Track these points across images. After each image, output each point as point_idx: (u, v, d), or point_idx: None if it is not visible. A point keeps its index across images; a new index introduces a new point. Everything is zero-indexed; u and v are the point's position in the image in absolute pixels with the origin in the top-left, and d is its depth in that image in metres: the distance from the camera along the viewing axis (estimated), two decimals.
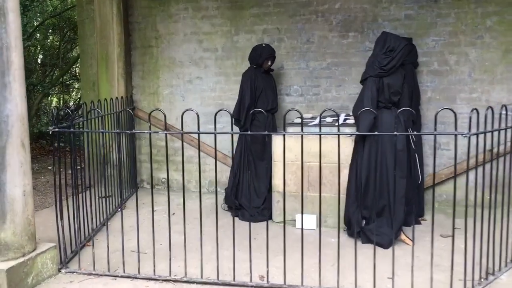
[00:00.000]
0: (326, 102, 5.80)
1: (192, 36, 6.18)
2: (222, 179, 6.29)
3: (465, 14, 5.24)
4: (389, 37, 4.08)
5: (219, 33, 6.07)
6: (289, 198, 4.84)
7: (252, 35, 5.95)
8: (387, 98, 4.13)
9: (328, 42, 5.71)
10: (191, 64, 6.22)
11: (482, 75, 5.27)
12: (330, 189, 4.71)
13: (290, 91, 5.90)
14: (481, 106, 5.30)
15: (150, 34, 6.33)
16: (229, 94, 6.12)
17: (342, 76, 5.71)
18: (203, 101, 6.23)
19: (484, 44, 5.22)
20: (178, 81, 6.31)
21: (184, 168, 3.90)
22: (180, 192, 6.54)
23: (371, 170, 4.21)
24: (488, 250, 3.88)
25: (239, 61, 6.03)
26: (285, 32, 5.84)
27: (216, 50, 6.11)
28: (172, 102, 6.36)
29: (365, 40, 5.59)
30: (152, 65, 6.38)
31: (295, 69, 5.86)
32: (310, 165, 4.76)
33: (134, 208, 5.80)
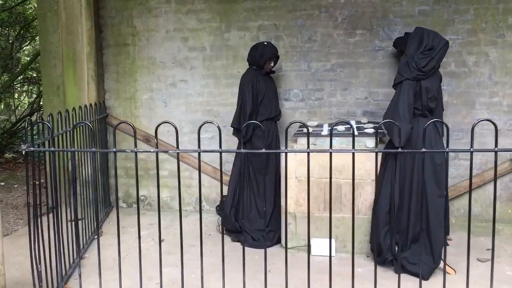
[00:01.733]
0: (330, 107, 5.24)
1: (175, 33, 5.46)
2: (212, 195, 5.62)
3: (485, 10, 4.82)
4: (426, 34, 3.55)
5: (207, 30, 5.39)
6: (302, 220, 4.24)
7: (246, 32, 5.31)
8: (425, 105, 3.61)
9: (332, 41, 5.15)
10: (174, 65, 5.50)
11: (503, 78, 4.87)
12: (350, 209, 4.13)
13: (289, 95, 5.30)
14: (503, 111, 4.93)
15: (126, 31, 5.56)
16: (219, 99, 5.45)
17: (348, 79, 5.17)
18: (189, 107, 5.52)
19: (505, 44, 4.82)
20: (160, 84, 5.57)
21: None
22: (163, 211, 5.83)
23: (406, 188, 3.67)
24: None
25: (230, 62, 5.37)
26: (284, 29, 5.23)
27: (204, 49, 5.43)
28: (153, 108, 5.61)
29: (374, 38, 5.07)
30: (128, 66, 5.61)
31: (295, 71, 5.26)
32: (326, 182, 4.17)
33: (113, 233, 5.05)
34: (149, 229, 5.06)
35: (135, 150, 2.76)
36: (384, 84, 5.09)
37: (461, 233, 4.70)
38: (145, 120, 5.63)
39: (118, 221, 2.89)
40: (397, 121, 3.51)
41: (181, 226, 3.05)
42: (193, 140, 5.56)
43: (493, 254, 2.82)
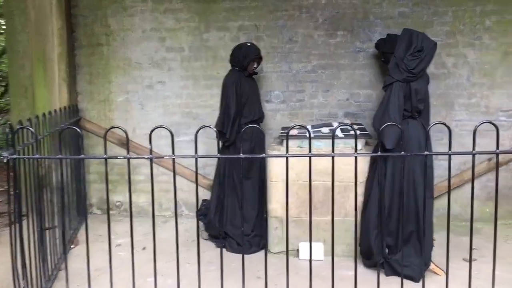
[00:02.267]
0: (311, 109, 5.21)
1: (152, 33, 5.30)
2: (191, 199, 5.49)
3: (463, 12, 4.91)
4: (415, 36, 3.57)
5: (185, 30, 5.26)
6: (289, 224, 4.17)
7: (226, 32, 5.21)
8: (415, 106, 3.62)
9: (313, 42, 5.13)
10: (151, 66, 5.34)
11: (481, 79, 4.97)
12: (339, 212, 4.11)
13: (270, 97, 5.24)
14: (480, 112, 5.03)
15: (100, 30, 5.36)
16: (198, 101, 5.33)
17: (330, 80, 5.16)
18: (167, 110, 5.38)
19: (483, 46, 4.92)
20: (136, 86, 5.39)
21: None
22: (141, 217, 5.66)
23: (396, 190, 3.68)
24: None
25: (209, 63, 5.26)
26: (264, 29, 5.17)
27: (182, 50, 5.29)
28: (128, 111, 5.43)
29: (355, 40, 5.08)
30: (102, 67, 5.40)
31: (276, 72, 5.21)
32: (315, 185, 4.13)
33: (90, 242, 4.81)
34: (128, 237, 4.85)
35: (128, 157, 2.62)
36: (365, 86, 5.11)
37: (444, 233, 4.70)
38: (120, 123, 5.43)
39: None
40: (388, 124, 3.51)
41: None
42: (170, 144, 5.39)
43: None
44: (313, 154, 2.63)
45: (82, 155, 2.63)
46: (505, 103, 4.98)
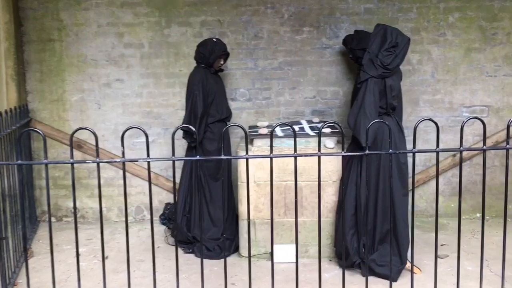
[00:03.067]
0: (278, 107, 5.10)
1: (109, 28, 5.02)
2: (154, 203, 5.23)
3: (427, 9, 4.95)
4: (389, 31, 3.52)
5: (145, 25, 5.01)
6: (262, 227, 4.06)
7: (188, 28, 5.01)
8: (390, 103, 3.58)
9: (279, 38, 5.02)
10: (108, 63, 5.06)
11: (445, 75, 5.04)
12: (312, 213, 4.02)
13: (236, 95, 5.09)
14: (444, 108, 5.10)
15: (51, 25, 5.01)
16: (160, 99, 5.09)
17: (297, 77, 5.07)
18: (126, 109, 5.11)
19: (446, 42, 4.98)
20: (92, 84, 5.09)
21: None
22: (98, 224, 5.30)
23: (372, 189, 3.62)
24: None
25: (171, 60, 5.04)
26: (229, 25, 5.01)
27: (142, 46, 5.04)
28: (84, 111, 5.12)
29: (321, 36, 5.01)
30: (55, 64, 5.06)
31: (242, 69, 5.06)
32: (287, 185, 4.02)
33: (46, 252, 4.50)
34: (87, 245, 4.59)
35: (98, 161, 2.40)
36: (332, 83, 5.06)
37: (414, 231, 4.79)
38: (75, 124, 5.11)
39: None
40: (364, 119, 3.46)
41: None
42: (131, 145, 5.16)
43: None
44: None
45: (45, 160, 2.37)
46: (468, 99, 5.07)
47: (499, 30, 4.96)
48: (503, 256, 2.79)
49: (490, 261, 3.97)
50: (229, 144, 4.58)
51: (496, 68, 5.02)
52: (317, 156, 2.56)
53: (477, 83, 5.04)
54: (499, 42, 4.97)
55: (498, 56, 5.00)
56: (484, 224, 2.90)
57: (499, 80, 5.03)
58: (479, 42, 4.98)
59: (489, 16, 4.94)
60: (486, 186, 5.17)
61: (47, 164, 2.38)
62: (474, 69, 5.02)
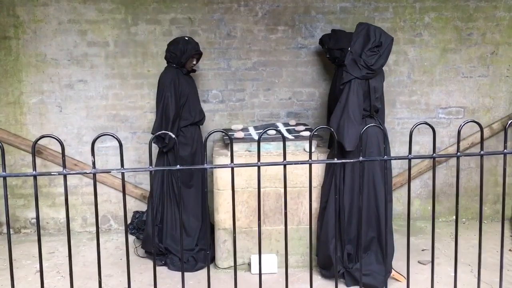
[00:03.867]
0: (252, 109, 4.91)
1: (70, 25, 4.69)
2: (121, 212, 4.95)
3: (403, 9, 4.87)
4: (372, 30, 3.39)
5: (110, 23, 4.72)
6: (239, 236, 3.85)
7: (156, 26, 4.75)
8: (373, 105, 3.45)
9: (253, 37, 4.83)
10: (70, 62, 4.73)
11: (421, 76, 4.97)
12: (292, 220, 3.85)
13: (208, 96, 4.86)
14: (421, 110, 5.04)
15: (6, 21, 4.64)
16: (126, 101, 4.81)
17: (271, 78, 4.89)
18: (91, 112, 4.80)
19: (422, 42, 4.92)
20: (52, 85, 4.75)
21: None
22: (62, 235, 4.95)
23: (355, 195, 3.48)
24: None
25: (139, 59, 4.77)
26: (200, 23, 4.78)
27: (107, 45, 4.74)
28: (44, 114, 4.77)
29: (296, 35, 4.85)
30: (11, 64, 4.69)
31: (214, 70, 4.84)
32: (265, 192, 3.84)
33: (3, 268, 4.14)
34: (49, 259, 4.26)
35: (65, 172, 2.15)
36: (308, 84, 4.92)
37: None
38: (34, 128, 4.77)
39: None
40: (348, 122, 3.32)
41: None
42: (96, 151, 4.83)
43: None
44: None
45: (4, 173, 2.09)
46: (444, 100, 5.03)
47: (474, 31, 4.94)
48: (478, 257, 2.67)
49: (473, 266, 3.91)
50: (203, 148, 4.35)
51: (472, 69, 5.00)
52: (308, 164, 2.37)
53: (453, 84, 5.01)
54: (474, 43, 4.95)
55: (473, 57, 4.98)
56: (460, 227, 2.77)
57: (474, 81, 5.01)
58: (455, 43, 4.95)
59: (465, 16, 4.91)
60: (462, 188, 5.21)
61: (6, 177, 2.10)
62: (450, 69, 4.98)
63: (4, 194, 2.20)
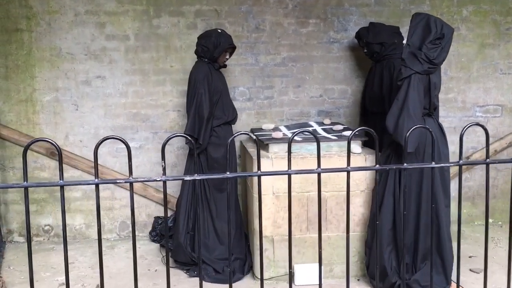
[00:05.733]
0: (281, 107, 4.66)
1: (88, 16, 4.39)
2: (141, 217, 4.66)
3: (440, 1, 4.67)
4: (432, 21, 3.15)
5: (130, 14, 4.42)
6: (281, 245, 3.60)
7: (180, 18, 4.47)
8: (433, 102, 3.22)
9: (283, 31, 4.58)
10: (87, 57, 4.43)
11: (458, 73, 4.77)
12: (337, 227, 3.60)
13: (235, 94, 4.59)
14: (457, 108, 4.84)
15: (18, 12, 4.32)
16: (148, 99, 4.52)
17: (302, 75, 4.64)
18: (109, 111, 4.50)
19: (460, 37, 4.71)
20: (68, 82, 4.44)
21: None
22: (78, 243, 4.58)
23: (412, 199, 3.25)
24: None
25: (161, 54, 4.49)
26: (227, 15, 4.51)
27: (127, 38, 4.45)
28: (59, 112, 4.46)
29: (329, 29, 4.61)
30: (23, 59, 4.37)
31: (241, 65, 4.58)
32: (309, 197, 3.58)
33: (19, 283, 3.81)
34: (71, 270, 3.91)
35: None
36: (340, 80, 4.68)
37: None
38: (48, 128, 4.46)
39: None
40: (408, 121, 3.09)
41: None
42: (113, 152, 4.56)
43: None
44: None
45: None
46: (481, 98, 4.83)
47: None
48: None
49: None
50: (234, 150, 4.09)
51: (510, 65, 4.81)
52: (346, 172, 2.09)
53: (491, 81, 4.81)
54: None
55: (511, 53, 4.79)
56: (499, 230, 2.54)
57: None
58: (493, 38, 4.75)
59: (503, 10, 4.72)
60: (498, 190, 5.02)
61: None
62: (488, 66, 4.78)
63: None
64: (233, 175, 1.99)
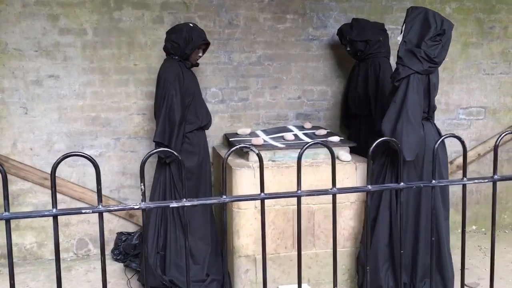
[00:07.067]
0: (257, 110, 4.30)
1: (38, 8, 3.89)
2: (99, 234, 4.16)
3: None
4: (431, 16, 2.87)
5: (87, 6, 3.95)
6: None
7: (145, 11, 4.03)
8: (433, 105, 2.95)
9: (258, 27, 4.22)
10: (38, 54, 3.92)
11: (441, 73, 4.51)
12: (326, 243, 3.28)
13: (206, 95, 4.20)
14: (441, 110, 4.62)
15: None
16: (109, 102, 4.06)
17: (279, 74, 4.31)
18: (64, 115, 4.01)
19: None
20: (15, 82, 3.92)
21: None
22: (29, 265, 4.06)
23: (410, 213, 2.96)
24: None
25: (124, 51, 4.04)
26: (197, 9, 4.11)
27: (84, 33, 3.97)
28: (5, 117, 3.94)
29: (307, 25, 4.30)
30: None
31: (213, 64, 4.19)
32: (295, 209, 3.23)
33: None
34: None
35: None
36: (319, 81, 4.37)
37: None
38: None
39: None
40: (407, 126, 2.81)
41: None
42: (69, 161, 4.06)
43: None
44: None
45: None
46: (464, 100, 4.65)
47: (496, 23, 4.59)
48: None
49: None
50: (209, 158, 3.69)
51: (493, 65, 4.65)
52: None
53: (474, 81, 4.64)
54: (496, 37, 4.61)
55: (495, 52, 4.63)
56: (484, 238, 2.31)
57: (495, 78, 4.67)
58: (476, 36, 4.58)
59: (487, 7, 4.55)
60: (482, 195, 4.85)
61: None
62: (471, 66, 4.61)
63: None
64: (230, 199, 1.60)
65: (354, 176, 3.26)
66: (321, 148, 3.38)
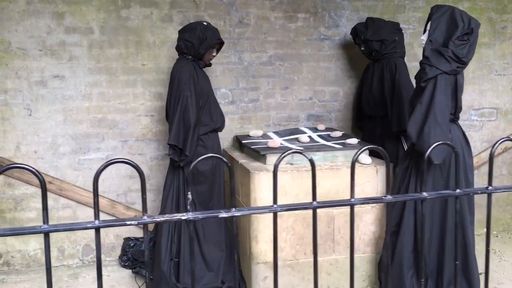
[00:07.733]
0: (268, 111, 4.21)
1: (43, 5, 3.76)
2: (108, 239, 4.08)
3: None
4: (458, 14, 2.80)
5: (94, 3, 3.83)
6: (283, 271, 3.14)
7: (153, 9, 3.92)
8: (459, 106, 2.88)
9: (269, 26, 4.13)
10: (43, 53, 3.79)
11: None
12: (346, 248, 3.19)
13: (216, 96, 4.05)
14: None
15: None
16: (116, 103, 3.94)
17: (290, 75, 4.22)
18: (70, 116, 3.88)
19: None
20: (19, 82, 3.78)
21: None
22: (33, 273, 3.92)
23: (436, 218, 2.88)
24: None
25: (131, 51, 3.92)
26: (206, 7, 4.01)
27: (91, 32, 3.85)
28: (8, 118, 3.80)
29: (319, 25, 4.21)
30: None
31: (223, 64, 4.09)
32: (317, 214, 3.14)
33: None
34: None
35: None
36: (331, 81, 4.29)
37: None
38: None
39: None
40: (436, 128, 2.73)
41: None
42: (75, 164, 3.94)
43: None
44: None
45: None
46: (477, 101, 4.59)
47: (508, 24, 4.54)
48: None
49: None
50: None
51: (505, 66, 4.60)
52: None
53: (486, 82, 4.58)
54: (509, 37, 4.56)
55: (507, 53, 4.58)
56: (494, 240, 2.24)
57: (507, 79, 4.62)
58: (489, 37, 4.53)
59: (499, 7, 4.51)
60: (494, 198, 4.79)
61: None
62: (483, 66, 4.56)
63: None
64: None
65: (375, 180, 3.18)
66: (339, 151, 3.29)
